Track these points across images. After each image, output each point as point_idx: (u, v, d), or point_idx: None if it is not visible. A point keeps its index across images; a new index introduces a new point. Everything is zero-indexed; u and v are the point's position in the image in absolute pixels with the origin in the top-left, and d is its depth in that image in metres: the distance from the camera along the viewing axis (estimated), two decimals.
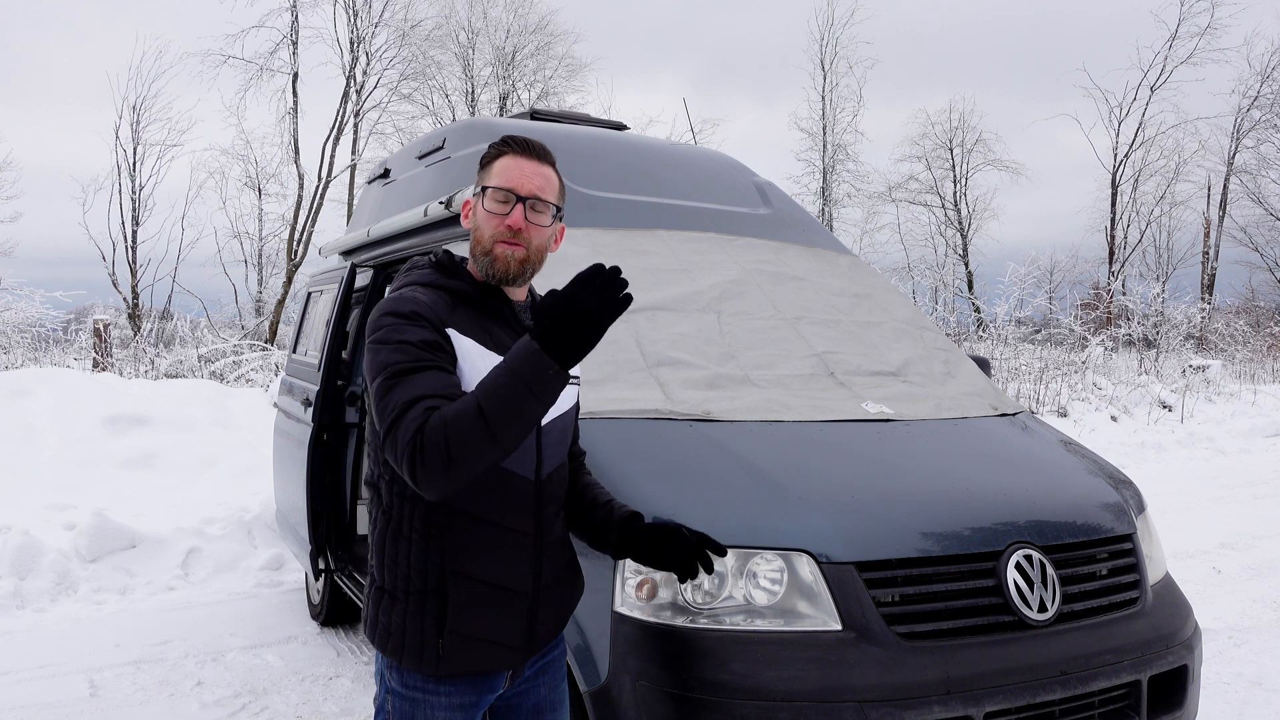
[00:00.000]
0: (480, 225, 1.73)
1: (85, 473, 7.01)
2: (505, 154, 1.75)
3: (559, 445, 1.81)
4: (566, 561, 1.87)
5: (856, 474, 2.58)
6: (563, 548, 1.85)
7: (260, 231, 25.83)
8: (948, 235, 33.11)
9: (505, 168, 1.73)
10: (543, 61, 29.65)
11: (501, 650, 1.73)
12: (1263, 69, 28.99)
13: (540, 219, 1.73)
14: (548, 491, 1.78)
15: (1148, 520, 2.91)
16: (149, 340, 18.43)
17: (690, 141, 19.70)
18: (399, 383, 1.53)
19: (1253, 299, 29.32)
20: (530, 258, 1.73)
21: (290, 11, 24.19)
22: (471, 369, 1.63)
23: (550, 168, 1.77)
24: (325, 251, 5.56)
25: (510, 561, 1.71)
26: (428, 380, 1.53)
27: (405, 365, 1.54)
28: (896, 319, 3.78)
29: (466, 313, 1.70)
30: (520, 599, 1.73)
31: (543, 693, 1.89)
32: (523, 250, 1.71)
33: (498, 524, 1.69)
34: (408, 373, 1.54)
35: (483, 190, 1.73)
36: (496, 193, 1.71)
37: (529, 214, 1.71)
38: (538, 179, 1.73)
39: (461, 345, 1.64)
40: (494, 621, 1.70)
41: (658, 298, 3.25)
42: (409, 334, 1.58)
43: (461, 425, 1.43)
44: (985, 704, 2.18)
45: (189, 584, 5.40)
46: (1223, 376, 16.69)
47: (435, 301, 1.67)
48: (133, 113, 23.27)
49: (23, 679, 4.01)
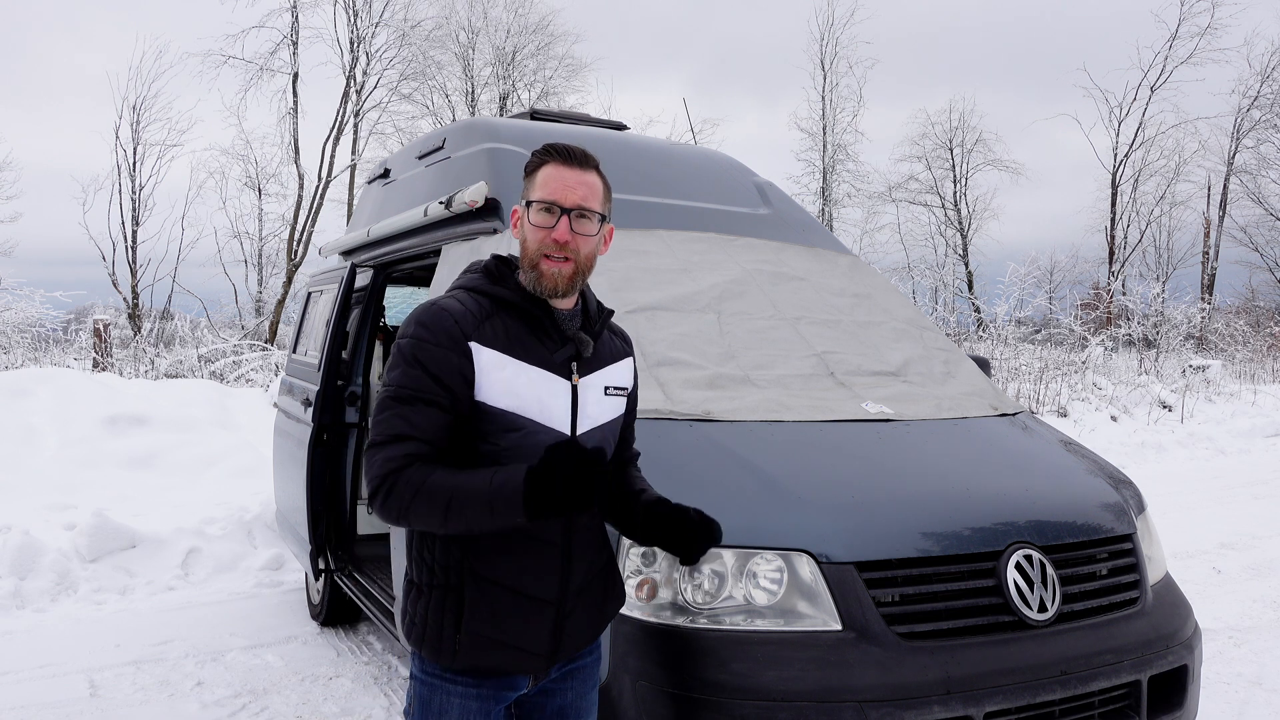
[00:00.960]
0: (527, 238, 1.74)
1: (85, 473, 7.00)
2: (547, 163, 1.74)
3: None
4: (601, 569, 1.85)
5: (856, 474, 2.58)
6: (597, 555, 1.84)
7: (260, 231, 25.85)
8: (948, 235, 33.13)
9: (548, 178, 1.72)
10: (543, 61, 29.67)
11: (521, 654, 1.73)
12: (1263, 69, 29.01)
13: (586, 228, 1.73)
14: None
15: (1148, 520, 2.91)
16: (149, 340, 18.43)
17: (690, 141, 19.72)
18: (397, 407, 1.65)
19: (1253, 299, 29.32)
20: (579, 270, 1.74)
21: (290, 12, 24.21)
22: (487, 379, 1.68)
23: (594, 173, 1.76)
24: (325, 251, 5.56)
25: (535, 569, 1.72)
26: (421, 417, 1.64)
27: (409, 391, 1.65)
28: (896, 319, 3.78)
29: (505, 319, 1.73)
30: (545, 606, 1.73)
31: (569, 698, 1.87)
32: (570, 265, 1.72)
33: (524, 531, 1.69)
34: (408, 400, 1.65)
35: (527, 204, 1.73)
36: (540, 205, 1.71)
37: (575, 225, 1.71)
38: (581, 188, 1.72)
39: (481, 358, 1.68)
40: (514, 626, 1.71)
41: (658, 298, 3.25)
42: (425, 355, 1.66)
43: (425, 505, 1.58)
44: (985, 704, 2.19)
45: (189, 584, 5.40)
46: (1223, 376, 16.68)
47: (472, 310, 1.71)
48: (133, 113, 23.28)
49: (23, 679, 4.01)
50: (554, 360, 1.74)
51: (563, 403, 1.74)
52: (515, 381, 1.69)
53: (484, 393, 1.68)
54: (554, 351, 1.75)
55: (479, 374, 1.68)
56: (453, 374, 1.66)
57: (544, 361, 1.73)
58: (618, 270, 3.31)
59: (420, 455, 1.63)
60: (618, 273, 3.30)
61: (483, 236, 3.44)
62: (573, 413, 1.75)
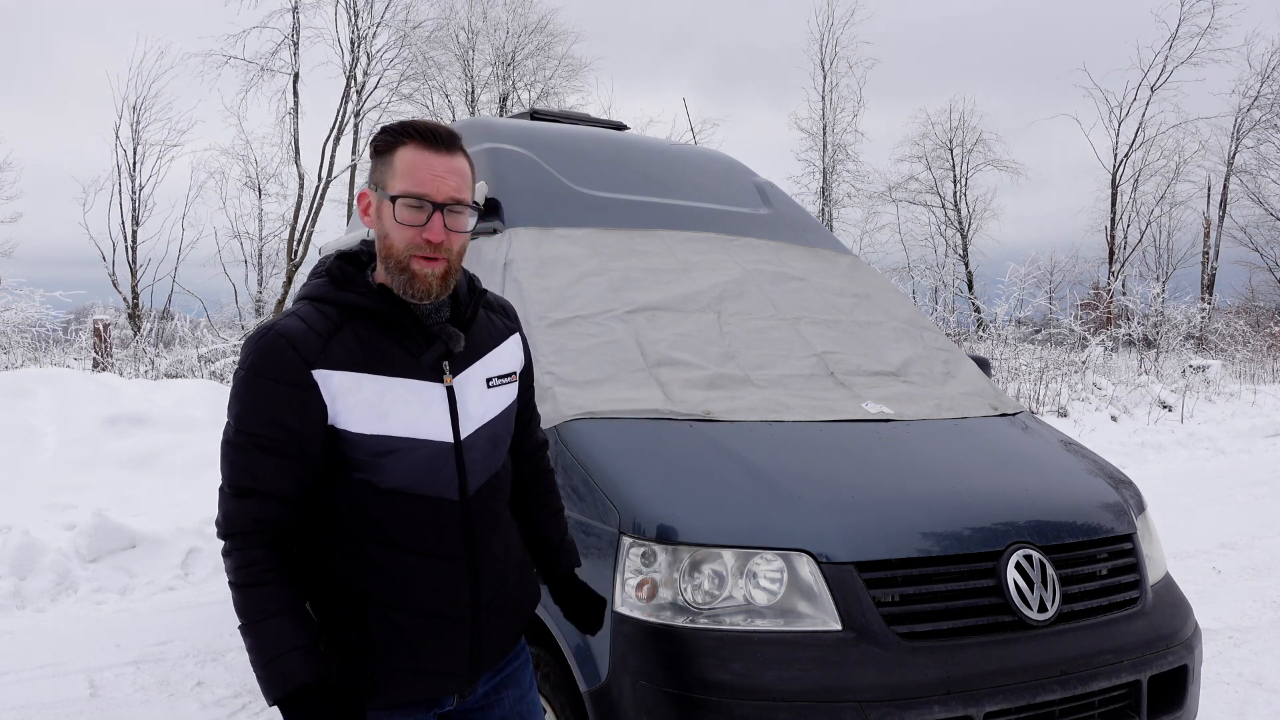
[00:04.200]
0: (390, 234, 1.53)
1: (85, 473, 7.00)
2: (407, 143, 1.53)
3: (488, 456, 1.66)
4: (511, 573, 1.73)
5: (856, 474, 2.58)
6: (504, 559, 1.71)
7: (260, 231, 25.86)
8: (948, 235, 33.12)
9: (413, 165, 1.51)
10: (543, 62, 29.65)
11: (441, 679, 1.62)
12: (1263, 69, 28.99)
13: (460, 223, 1.55)
14: (478, 508, 1.63)
15: (1148, 520, 2.91)
16: (149, 340, 18.41)
17: (690, 142, 19.69)
18: (236, 455, 1.51)
19: (1253, 299, 29.31)
20: (452, 269, 1.56)
21: (292, 12, 24.21)
22: (344, 405, 1.50)
23: (461, 155, 1.56)
24: (325, 251, 5.56)
25: (439, 589, 1.58)
26: (263, 468, 1.49)
27: (245, 437, 1.50)
28: (896, 319, 3.78)
29: (356, 330, 1.54)
30: (458, 624, 1.60)
31: (507, 705, 1.78)
32: (444, 264, 1.54)
33: (424, 552, 1.56)
34: (246, 448, 1.50)
35: (391, 197, 1.52)
36: (409, 201, 1.50)
37: (448, 221, 1.53)
38: (452, 178, 1.53)
39: (330, 384, 1.49)
40: (429, 650, 1.58)
41: (658, 298, 3.25)
42: (262, 395, 1.49)
43: (237, 601, 1.51)
44: (985, 704, 2.18)
45: (189, 584, 5.40)
46: (1223, 376, 16.67)
47: (316, 327, 1.52)
48: (133, 113, 23.29)
49: (23, 679, 4.01)
50: (420, 365, 1.56)
51: (438, 411, 1.57)
52: (379, 402, 1.51)
53: (343, 420, 1.50)
54: (419, 354, 1.57)
55: (330, 402, 1.49)
56: (294, 414, 1.48)
57: (409, 369, 1.55)
58: (617, 270, 3.31)
59: (270, 520, 1.50)
60: (617, 273, 3.30)
61: (482, 236, 3.44)
62: (452, 418, 1.59)
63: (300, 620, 1.51)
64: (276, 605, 1.49)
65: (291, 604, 1.51)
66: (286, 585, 1.51)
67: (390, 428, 1.52)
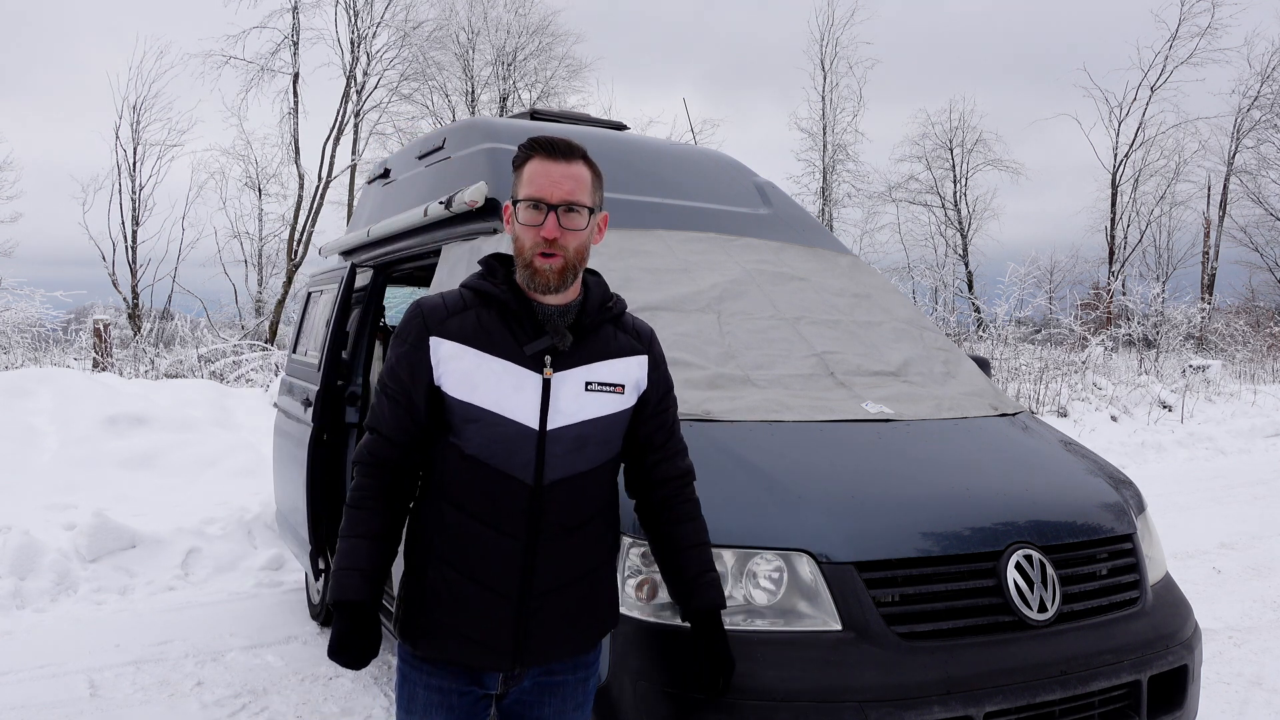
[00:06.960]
0: (519, 235, 1.75)
1: (85, 473, 7.00)
2: (533, 157, 1.74)
3: (573, 454, 1.76)
4: (581, 582, 1.80)
5: (856, 474, 2.58)
6: (575, 564, 1.79)
7: (260, 231, 25.89)
8: (948, 235, 33.12)
9: (534, 174, 1.72)
10: (543, 62, 29.67)
11: (481, 649, 1.73)
12: (1263, 69, 29.02)
13: (575, 222, 1.72)
14: (552, 501, 1.74)
15: (1148, 520, 2.91)
16: (149, 340, 18.42)
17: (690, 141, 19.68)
18: (379, 399, 1.80)
19: (1253, 299, 29.31)
20: (569, 264, 1.73)
21: (291, 12, 24.21)
22: (446, 370, 1.74)
23: (580, 163, 1.76)
24: (325, 251, 5.56)
25: (493, 561, 1.73)
26: (388, 413, 1.78)
27: (382, 383, 1.80)
28: (896, 319, 3.78)
29: (480, 313, 1.77)
30: (504, 600, 1.73)
31: (546, 713, 1.84)
32: (560, 260, 1.72)
33: (487, 523, 1.73)
34: (381, 392, 1.80)
35: (515, 202, 1.74)
36: (527, 203, 1.71)
37: (562, 220, 1.71)
38: (567, 182, 1.72)
39: (439, 350, 1.74)
40: (471, 617, 1.73)
41: (658, 298, 3.25)
42: (396, 351, 1.79)
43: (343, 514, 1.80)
44: (985, 704, 2.18)
45: (189, 584, 5.40)
46: (1223, 376, 16.68)
47: (449, 304, 1.78)
48: (133, 113, 23.32)
49: (23, 679, 4.01)
50: (524, 353, 1.74)
51: (529, 396, 1.73)
52: (474, 373, 1.72)
53: (444, 383, 1.74)
54: (525, 344, 1.74)
55: (437, 365, 1.74)
56: (408, 371, 1.76)
57: (510, 353, 1.73)
58: (617, 270, 3.31)
59: (382, 458, 1.78)
60: (618, 273, 3.30)
61: (482, 236, 3.44)
62: (542, 407, 1.73)
63: (377, 549, 1.76)
64: (364, 529, 1.75)
65: (376, 532, 1.76)
66: (379, 516, 1.76)
67: (477, 398, 1.73)
